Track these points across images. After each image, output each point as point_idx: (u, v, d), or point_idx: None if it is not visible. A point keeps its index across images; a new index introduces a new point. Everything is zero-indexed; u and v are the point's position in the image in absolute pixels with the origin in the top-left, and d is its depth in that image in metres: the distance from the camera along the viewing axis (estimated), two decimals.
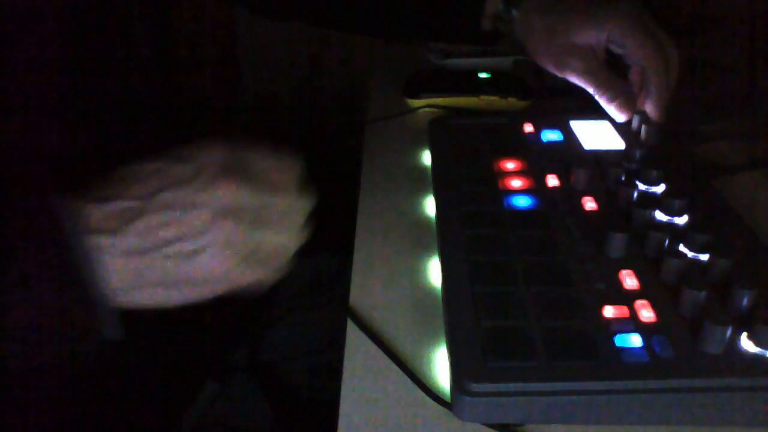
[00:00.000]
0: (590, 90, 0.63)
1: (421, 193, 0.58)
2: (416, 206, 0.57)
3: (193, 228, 0.38)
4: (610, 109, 0.63)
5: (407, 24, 0.77)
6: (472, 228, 0.49)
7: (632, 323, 0.40)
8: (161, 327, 0.51)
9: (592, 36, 0.62)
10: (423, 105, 0.74)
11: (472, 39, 0.74)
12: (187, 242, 0.38)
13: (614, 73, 0.63)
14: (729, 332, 0.37)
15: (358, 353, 0.42)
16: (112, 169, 0.46)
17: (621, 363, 0.37)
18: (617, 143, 0.62)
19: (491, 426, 0.37)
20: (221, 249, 0.39)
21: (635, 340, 0.39)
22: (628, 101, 0.62)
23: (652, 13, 0.63)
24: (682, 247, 0.45)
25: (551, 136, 0.63)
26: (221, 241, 0.39)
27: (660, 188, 0.54)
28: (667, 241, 0.46)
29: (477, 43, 0.74)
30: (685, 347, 0.38)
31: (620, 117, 0.63)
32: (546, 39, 0.65)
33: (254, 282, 0.41)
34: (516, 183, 0.55)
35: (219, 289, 0.40)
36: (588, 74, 0.63)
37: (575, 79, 0.64)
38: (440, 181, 0.57)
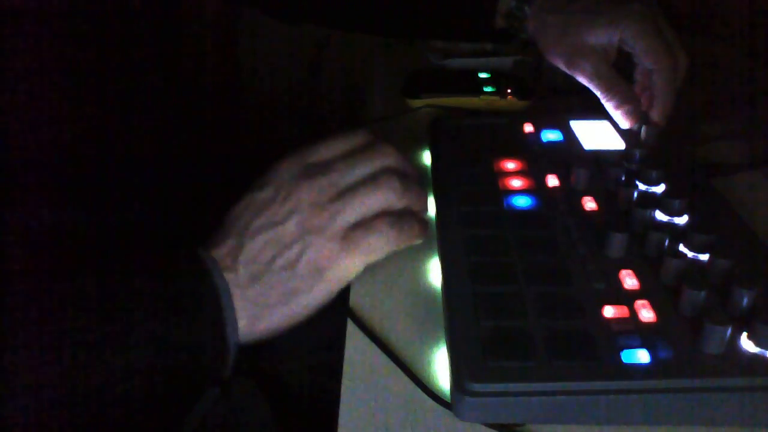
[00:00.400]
0: (598, 93, 0.63)
1: None
2: None
3: (289, 236, 0.42)
4: (616, 114, 0.63)
5: (421, 23, 0.78)
6: (472, 228, 0.49)
7: (632, 323, 0.40)
8: None
9: (604, 36, 0.62)
10: (423, 105, 0.74)
11: (485, 37, 0.74)
12: (289, 250, 0.42)
13: (623, 78, 0.63)
14: (729, 332, 0.37)
15: (358, 353, 0.42)
16: (112, 170, 0.47)
17: (621, 363, 0.37)
18: (617, 143, 0.62)
19: (491, 426, 0.37)
20: (321, 239, 0.42)
21: (635, 340, 0.39)
22: (634, 109, 0.62)
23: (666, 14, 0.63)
24: (682, 247, 0.45)
25: (551, 136, 0.63)
26: (317, 233, 0.42)
27: (660, 188, 0.53)
28: (667, 241, 0.46)
29: (491, 41, 0.74)
30: (685, 347, 0.38)
31: (625, 124, 0.63)
32: (558, 38, 0.65)
33: (375, 252, 0.43)
34: (516, 183, 0.55)
35: (338, 278, 0.43)
36: (597, 78, 0.62)
37: (584, 80, 0.64)
38: (440, 181, 0.57)
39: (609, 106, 0.63)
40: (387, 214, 0.44)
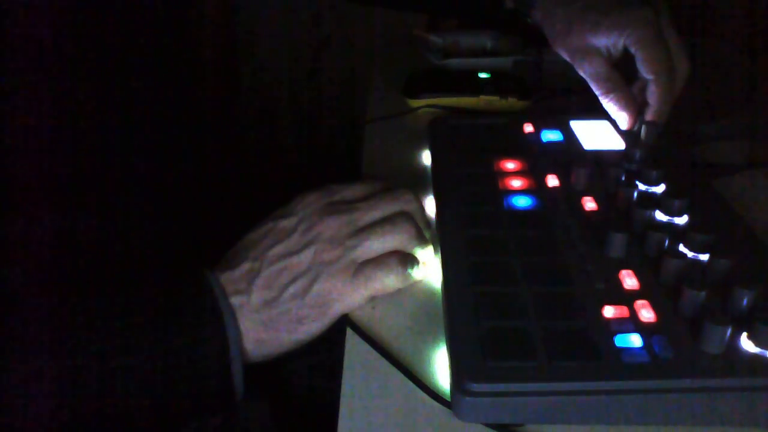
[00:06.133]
0: (598, 94, 0.63)
1: (421, 193, 0.58)
2: None
3: (302, 266, 0.44)
4: (615, 116, 0.63)
5: None
6: (472, 228, 0.49)
7: (632, 323, 0.40)
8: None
9: (607, 39, 0.62)
10: (423, 105, 0.74)
11: (494, 17, 0.74)
12: (301, 279, 0.44)
13: (624, 80, 0.63)
14: (729, 332, 0.37)
15: (358, 353, 0.42)
16: (112, 174, 0.47)
17: (621, 363, 0.37)
18: (617, 143, 0.62)
19: (491, 426, 0.37)
20: (331, 270, 0.44)
21: (635, 340, 0.39)
22: (631, 114, 0.62)
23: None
24: (682, 247, 0.45)
25: (551, 136, 0.63)
26: (329, 265, 0.44)
27: (660, 188, 0.53)
28: (667, 241, 0.46)
29: (500, 22, 0.75)
30: (685, 347, 0.38)
31: (624, 126, 0.63)
32: (564, 33, 0.65)
33: (382, 287, 0.45)
34: (516, 183, 0.55)
35: (343, 308, 0.45)
36: (597, 79, 0.63)
37: (586, 79, 0.64)
38: (440, 181, 0.57)
39: (609, 107, 0.63)
40: (398, 252, 0.46)
